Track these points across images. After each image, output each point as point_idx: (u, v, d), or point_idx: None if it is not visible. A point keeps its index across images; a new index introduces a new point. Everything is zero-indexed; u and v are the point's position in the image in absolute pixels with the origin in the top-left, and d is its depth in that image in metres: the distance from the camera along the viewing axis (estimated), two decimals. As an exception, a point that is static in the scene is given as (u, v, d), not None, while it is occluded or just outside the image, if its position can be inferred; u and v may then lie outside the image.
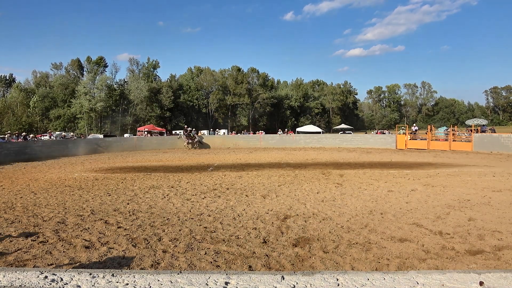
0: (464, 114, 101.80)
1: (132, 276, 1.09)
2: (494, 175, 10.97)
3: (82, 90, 62.87)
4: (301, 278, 1.05)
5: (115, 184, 10.10)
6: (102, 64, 70.93)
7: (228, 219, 6.09)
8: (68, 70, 72.21)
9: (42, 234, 5.34)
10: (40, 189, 9.39)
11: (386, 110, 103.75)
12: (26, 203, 7.56)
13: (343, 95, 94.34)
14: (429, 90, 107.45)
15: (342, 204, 7.19)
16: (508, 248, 4.47)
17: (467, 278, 1.06)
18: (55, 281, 1.08)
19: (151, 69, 74.70)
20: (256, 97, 76.77)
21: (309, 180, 10.35)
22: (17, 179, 11.54)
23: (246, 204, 7.20)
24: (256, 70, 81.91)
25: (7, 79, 76.03)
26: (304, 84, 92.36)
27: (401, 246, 4.69)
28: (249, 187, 9.24)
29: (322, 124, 79.84)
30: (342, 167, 13.60)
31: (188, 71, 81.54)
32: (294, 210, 6.72)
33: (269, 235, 5.22)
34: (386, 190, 8.58)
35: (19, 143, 21.77)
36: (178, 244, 4.75)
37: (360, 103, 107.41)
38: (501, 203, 6.97)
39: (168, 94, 68.64)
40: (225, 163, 16.30)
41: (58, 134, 35.39)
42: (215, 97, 74.03)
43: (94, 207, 7.03)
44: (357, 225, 5.63)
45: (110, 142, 27.97)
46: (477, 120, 33.48)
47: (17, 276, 1.10)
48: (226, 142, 31.05)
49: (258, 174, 11.79)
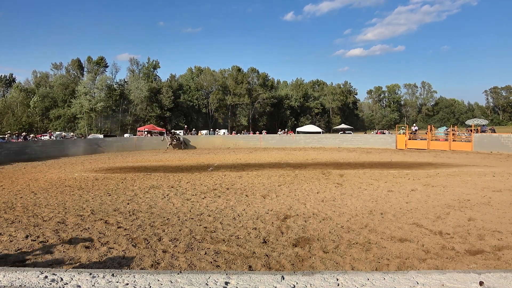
0: (464, 114, 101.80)
1: (132, 276, 1.09)
2: (494, 175, 10.97)
3: (82, 90, 62.87)
4: (301, 278, 1.05)
5: (115, 184, 10.10)
6: (102, 64, 70.94)
7: (228, 219, 6.09)
8: (68, 70, 72.23)
9: (42, 234, 5.34)
10: (40, 189, 9.39)
11: (386, 110, 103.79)
12: (26, 203, 7.56)
13: (343, 95, 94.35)
14: (429, 90, 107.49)
15: (342, 204, 7.19)
16: (508, 248, 4.47)
17: (467, 278, 1.06)
18: (55, 281, 1.08)
19: (151, 69, 74.71)
20: (256, 97, 76.79)
21: (309, 180, 10.35)
22: (17, 179, 11.55)
23: (246, 204, 7.21)
24: (256, 70, 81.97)
25: (7, 79, 76.01)
26: (304, 84, 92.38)
27: (401, 246, 4.69)
28: (249, 187, 9.24)
29: (322, 124, 79.83)
30: (342, 167, 13.60)
31: (188, 71, 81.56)
32: (294, 210, 6.72)
33: (269, 235, 5.22)
34: (386, 190, 8.58)
35: (19, 143, 21.77)
36: (178, 244, 4.75)
37: (360, 103, 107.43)
38: (501, 203, 6.98)
39: (168, 94, 68.64)
40: (225, 163, 16.30)
41: (58, 134, 35.39)
42: (215, 97, 74.04)
43: (94, 207, 7.03)
44: (357, 225, 5.63)
45: (110, 142, 27.98)
46: (477, 120, 33.46)
47: (17, 276, 1.10)
48: (226, 142, 31.06)
49: (258, 174, 11.79)
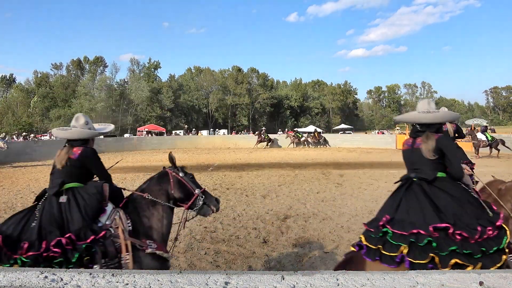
0: (464, 114, 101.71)
1: (132, 276, 1.09)
2: (494, 175, 10.97)
3: (82, 91, 62.88)
4: (301, 278, 1.05)
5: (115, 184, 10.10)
6: (100, 64, 70.87)
7: (228, 219, 6.09)
8: (69, 70, 72.21)
9: (42, 234, 5.33)
10: (40, 189, 9.39)
11: (386, 110, 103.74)
12: (26, 203, 7.55)
13: (343, 95, 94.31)
14: (429, 90, 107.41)
15: (342, 204, 7.19)
16: (508, 248, 4.46)
17: (467, 278, 1.06)
18: (55, 281, 1.08)
19: (152, 70, 74.71)
20: (256, 97, 76.78)
21: (309, 180, 10.35)
22: (17, 179, 11.54)
23: (246, 204, 7.21)
24: (256, 70, 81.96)
25: (8, 79, 76.00)
26: (304, 84, 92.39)
27: (401, 246, 4.68)
28: (249, 187, 9.24)
29: (322, 124, 79.79)
30: (342, 167, 13.59)
31: (187, 71, 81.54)
32: (294, 210, 6.72)
33: (269, 235, 5.22)
34: (386, 190, 8.57)
35: (19, 143, 21.76)
36: (178, 244, 4.75)
37: (360, 103, 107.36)
38: (501, 203, 6.97)
39: (169, 94, 68.64)
40: (225, 163, 16.29)
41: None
42: (215, 97, 74.03)
43: (94, 207, 7.03)
44: (357, 225, 5.63)
45: (110, 142, 27.95)
46: (477, 120, 33.45)
47: (17, 276, 1.10)
48: (226, 142, 31.06)
49: (258, 174, 11.79)
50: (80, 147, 2.61)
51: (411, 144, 2.47)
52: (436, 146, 2.29)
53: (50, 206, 2.38)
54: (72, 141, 2.67)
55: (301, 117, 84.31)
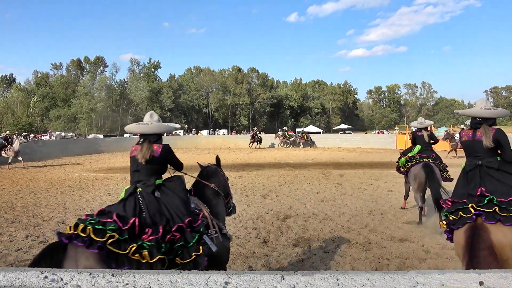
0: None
1: (132, 276, 1.09)
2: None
3: (82, 91, 62.85)
4: (301, 278, 1.05)
5: (115, 184, 10.10)
6: (100, 64, 70.86)
7: (228, 219, 6.08)
8: (69, 70, 72.18)
9: (42, 234, 5.34)
10: (40, 189, 9.39)
11: (386, 110, 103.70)
12: (26, 203, 7.56)
13: (343, 95, 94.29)
14: (429, 90, 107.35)
15: (342, 204, 7.19)
16: (508, 248, 4.46)
17: (467, 278, 1.06)
18: (55, 281, 1.08)
19: (152, 70, 74.67)
20: (256, 97, 76.78)
21: (309, 180, 10.35)
22: (17, 179, 11.55)
23: (246, 204, 7.21)
24: (256, 70, 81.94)
25: (8, 79, 75.98)
26: (304, 84, 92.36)
27: (401, 246, 4.69)
28: (249, 187, 9.24)
29: (322, 124, 79.81)
30: (342, 167, 13.60)
31: (187, 71, 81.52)
32: (294, 210, 6.72)
33: (269, 235, 5.23)
34: (386, 190, 8.58)
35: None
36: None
37: (360, 103, 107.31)
38: (501, 203, 6.97)
39: (169, 94, 68.65)
40: (225, 163, 16.30)
41: (59, 134, 35.38)
42: (215, 97, 74.03)
43: (94, 207, 7.03)
44: (357, 225, 5.63)
45: (110, 142, 27.98)
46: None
47: (17, 276, 1.10)
48: (226, 142, 31.06)
49: (258, 174, 11.80)
50: (159, 144, 2.78)
51: (472, 136, 2.95)
52: (494, 137, 2.81)
53: (150, 199, 2.57)
54: (147, 136, 2.79)
55: (301, 117, 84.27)
